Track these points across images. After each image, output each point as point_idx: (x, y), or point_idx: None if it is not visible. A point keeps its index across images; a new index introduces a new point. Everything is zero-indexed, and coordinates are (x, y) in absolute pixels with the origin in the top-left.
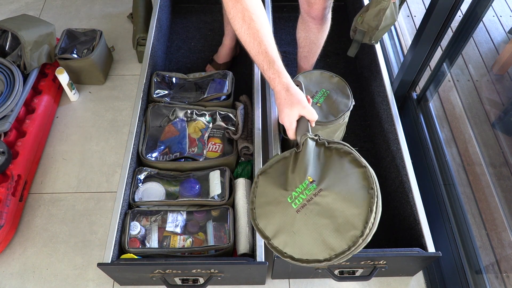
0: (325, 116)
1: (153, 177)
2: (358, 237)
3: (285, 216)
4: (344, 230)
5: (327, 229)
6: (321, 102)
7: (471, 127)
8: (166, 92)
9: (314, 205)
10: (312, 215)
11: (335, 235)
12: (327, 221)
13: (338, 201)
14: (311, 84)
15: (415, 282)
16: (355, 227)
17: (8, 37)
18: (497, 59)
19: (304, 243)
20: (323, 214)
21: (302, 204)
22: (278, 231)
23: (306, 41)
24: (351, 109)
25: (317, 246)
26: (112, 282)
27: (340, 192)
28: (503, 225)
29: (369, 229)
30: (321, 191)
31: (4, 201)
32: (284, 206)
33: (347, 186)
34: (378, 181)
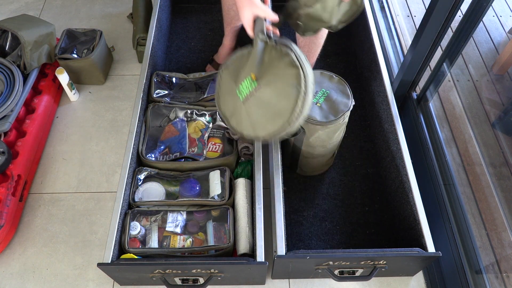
0: (325, 116)
1: (153, 177)
2: (286, 121)
3: (235, 105)
4: (277, 118)
5: (266, 116)
6: (321, 102)
7: (471, 127)
8: (166, 92)
9: (255, 98)
10: (253, 106)
11: (271, 121)
12: (265, 110)
13: (273, 96)
14: None
15: (415, 282)
16: (285, 115)
17: (8, 37)
18: (497, 59)
19: (249, 125)
20: (261, 106)
21: (246, 98)
22: (232, 115)
23: (306, 40)
24: (351, 109)
25: (257, 129)
26: (112, 282)
27: (276, 88)
28: (503, 225)
29: (295, 118)
30: (260, 88)
31: (4, 201)
32: (235, 97)
33: (282, 84)
34: (378, 181)
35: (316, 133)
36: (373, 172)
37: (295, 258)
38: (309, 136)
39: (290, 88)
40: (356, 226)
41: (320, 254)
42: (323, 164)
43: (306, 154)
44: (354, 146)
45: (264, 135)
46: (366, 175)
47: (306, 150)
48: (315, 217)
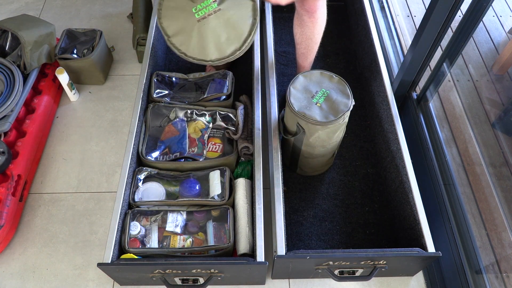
0: (325, 116)
1: (153, 177)
2: (237, 50)
3: (187, 22)
4: (229, 43)
5: (218, 39)
6: (321, 102)
7: (471, 127)
8: (166, 92)
9: (212, 19)
10: (209, 27)
11: (224, 44)
12: (219, 34)
13: (230, 22)
14: (311, 84)
15: (415, 282)
16: (237, 42)
17: (8, 37)
18: (497, 59)
19: (197, 45)
20: (216, 29)
21: (203, 17)
22: (178, 33)
23: (303, 37)
24: (351, 109)
25: (207, 50)
26: (112, 282)
27: (233, 15)
28: (503, 225)
29: (245, 46)
30: (219, 11)
31: (4, 201)
32: (188, 14)
33: (239, 12)
34: (378, 181)
35: (316, 133)
36: (373, 172)
37: (295, 258)
38: (309, 136)
39: (247, 17)
40: (356, 226)
41: (320, 254)
42: (323, 164)
43: (306, 154)
44: (354, 146)
45: (212, 58)
46: (366, 175)
47: (306, 150)
48: (315, 217)
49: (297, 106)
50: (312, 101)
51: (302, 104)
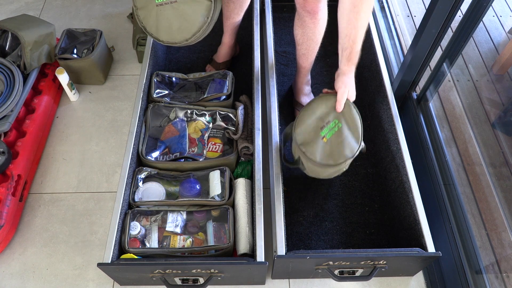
0: (326, 158)
1: (153, 177)
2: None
3: (149, 3)
4: (179, 32)
5: (171, 27)
6: (329, 137)
7: (471, 127)
8: (166, 92)
9: (168, 8)
10: (165, 14)
11: (175, 32)
12: (172, 22)
13: (184, 14)
14: (326, 111)
15: (415, 282)
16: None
17: (8, 37)
18: (497, 59)
19: (154, 25)
20: (170, 17)
21: (161, 3)
22: (142, 8)
23: (303, 37)
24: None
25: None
26: (112, 282)
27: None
28: (503, 225)
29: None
30: (175, 3)
31: (4, 201)
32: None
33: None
34: (378, 181)
35: (315, 170)
36: (373, 172)
37: (295, 258)
38: (308, 171)
39: (200, 15)
40: (356, 226)
41: (320, 254)
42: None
43: (309, 173)
44: None
45: (164, 40)
46: (366, 175)
47: (308, 174)
48: (315, 217)
49: (301, 139)
50: (319, 134)
51: (307, 136)
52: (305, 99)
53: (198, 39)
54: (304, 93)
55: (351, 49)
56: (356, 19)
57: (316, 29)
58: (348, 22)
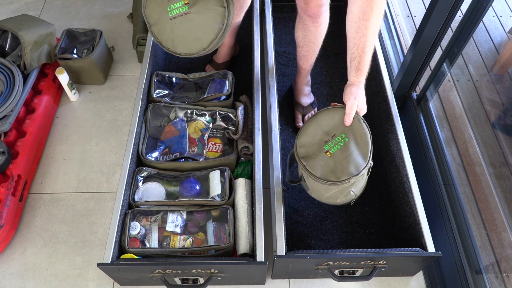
0: (327, 174)
1: (153, 177)
2: (204, 49)
3: (162, 16)
4: (196, 42)
5: (186, 38)
6: (333, 151)
7: (471, 127)
8: (166, 92)
9: (182, 21)
10: (179, 26)
11: (191, 43)
12: (187, 34)
13: (199, 25)
14: (332, 124)
15: (415, 282)
16: (204, 42)
17: (8, 37)
18: (497, 59)
19: (169, 38)
20: (185, 29)
21: (175, 16)
22: (155, 24)
23: (305, 40)
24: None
25: (176, 44)
26: (112, 282)
27: (201, 19)
28: (503, 225)
29: (212, 46)
30: (189, 13)
31: (4, 201)
32: (163, 11)
33: (207, 17)
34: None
35: (318, 191)
36: (373, 172)
37: (295, 258)
38: (312, 191)
39: (214, 23)
40: (356, 226)
41: (320, 254)
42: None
43: (314, 195)
44: None
45: (181, 52)
46: None
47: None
48: (315, 217)
49: (303, 152)
50: (323, 148)
51: (309, 150)
52: (305, 100)
53: (215, 47)
54: (304, 94)
55: (360, 58)
56: (366, 27)
57: (317, 32)
58: (357, 31)
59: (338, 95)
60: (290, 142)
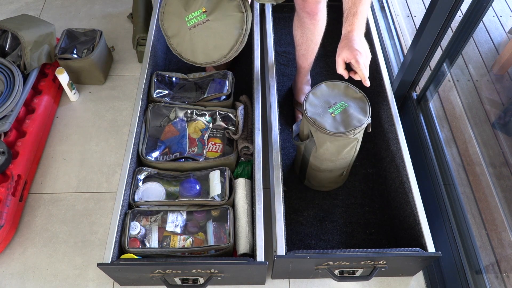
0: (336, 127)
1: (153, 177)
2: (224, 56)
3: (181, 28)
4: (216, 50)
5: (206, 47)
6: (336, 113)
7: (471, 127)
8: (166, 92)
9: (201, 29)
10: (198, 35)
11: (212, 51)
12: (207, 42)
13: (218, 32)
14: (332, 95)
15: (415, 282)
16: (224, 49)
17: (8, 37)
18: (497, 59)
19: (189, 49)
20: (205, 38)
21: (193, 25)
22: (174, 35)
23: (303, 38)
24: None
25: (197, 54)
26: (112, 282)
27: (220, 26)
28: (503, 225)
29: (232, 53)
30: (208, 21)
31: (4, 201)
32: (182, 21)
33: (226, 23)
34: (378, 181)
35: (325, 144)
36: (373, 172)
37: (295, 258)
38: (318, 147)
39: (234, 29)
40: (356, 226)
41: (320, 254)
42: (330, 181)
43: (313, 166)
44: None
45: (202, 61)
46: (366, 175)
47: (314, 163)
48: (315, 217)
49: (311, 112)
50: (327, 110)
51: (317, 111)
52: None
53: (236, 53)
54: (304, 93)
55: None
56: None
57: (315, 30)
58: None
59: None
60: (290, 142)
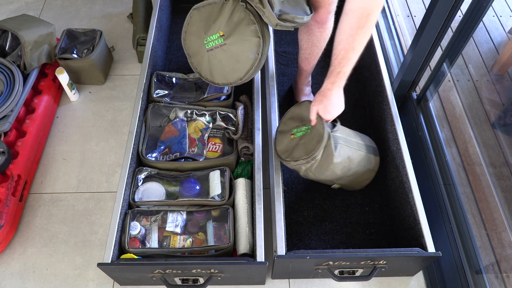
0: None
1: (153, 177)
2: (240, 78)
3: (200, 49)
4: (233, 73)
5: (223, 69)
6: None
7: (471, 127)
8: (166, 92)
9: (218, 52)
10: (216, 57)
11: (229, 73)
12: (224, 65)
13: (235, 55)
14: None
15: (415, 282)
16: (241, 72)
17: (8, 37)
18: (497, 59)
19: (207, 69)
20: (222, 60)
21: (211, 48)
22: (194, 55)
23: (308, 43)
24: (352, 111)
25: (215, 75)
26: (112, 282)
27: (237, 50)
28: (503, 225)
29: (248, 76)
30: (225, 45)
31: (4, 201)
32: (201, 43)
33: (243, 47)
34: (379, 181)
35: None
36: None
37: (295, 258)
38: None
39: (250, 53)
40: (356, 226)
41: (320, 254)
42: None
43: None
44: None
45: (219, 82)
46: None
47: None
48: (315, 217)
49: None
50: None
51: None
52: (305, 100)
53: (252, 76)
54: (305, 94)
55: (335, 68)
56: (354, 39)
57: (322, 37)
58: (339, 42)
59: None
60: None
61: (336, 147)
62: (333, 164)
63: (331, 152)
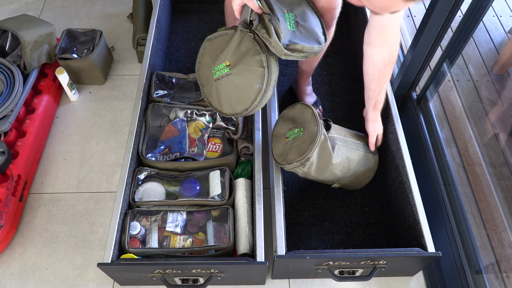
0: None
1: (153, 177)
2: (246, 109)
3: (209, 78)
4: (239, 103)
5: (230, 99)
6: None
7: (471, 127)
8: (166, 92)
9: (224, 82)
10: (222, 87)
11: (235, 104)
12: (230, 95)
13: (240, 85)
14: (300, 118)
15: (415, 282)
16: (246, 103)
17: (8, 37)
18: (497, 59)
19: (216, 99)
20: (228, 90)
21: (218, 78)
22: (205, 85)
23: None
24: (350, 110)
25: (223, 105)
26: (112, 282)
27: (242, 81)
28: (503, 225)
29: (254, 106)
30: (230, 75)
31: (4, 201)
32: (210, 73)
33: (247, 78)
34: (379, 181)
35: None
36: None
37: (295, 258)
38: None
39: (255, 83)
40: (356, 226)
41: (320, 254)
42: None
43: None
44: None
45: (227, 112)
46: None
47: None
48: (315, 217)
49: (276, 131)
50: (286, 133)
51: (279, 131)
52: (308, 99)
53: (258, 107)
54: (307, 93)
55: (376, 100)
56: (385, 75)
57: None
58: (371, 81)
59: (338, 95)
60: None
61: (334, 148)
62: (332, 165)
63: (329, 153)
